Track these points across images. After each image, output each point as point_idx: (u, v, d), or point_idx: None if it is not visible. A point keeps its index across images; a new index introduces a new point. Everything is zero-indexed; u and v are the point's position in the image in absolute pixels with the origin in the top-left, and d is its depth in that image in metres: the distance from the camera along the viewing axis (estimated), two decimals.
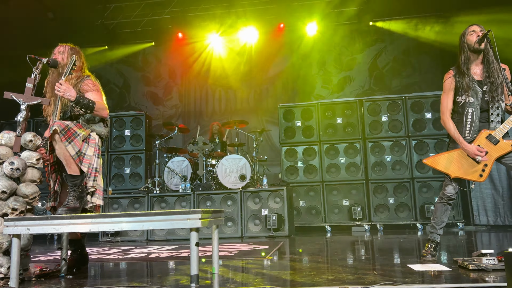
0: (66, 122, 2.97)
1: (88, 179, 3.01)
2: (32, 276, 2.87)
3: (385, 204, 6.80)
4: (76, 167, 2.94)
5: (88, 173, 3.00)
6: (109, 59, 9.77)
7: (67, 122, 2.98)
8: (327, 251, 4.23)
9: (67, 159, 2.92)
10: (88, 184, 3.01)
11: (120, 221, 2.42)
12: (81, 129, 3.03)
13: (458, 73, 3.17)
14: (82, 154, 2.98)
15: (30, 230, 2.54)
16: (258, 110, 9.51)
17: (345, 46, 9.30)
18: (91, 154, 3.03)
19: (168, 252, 4.42)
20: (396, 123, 7.06)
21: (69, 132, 2.92)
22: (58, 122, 2.89)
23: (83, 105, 3.00)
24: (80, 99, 2.98)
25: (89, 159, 3.00)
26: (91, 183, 3.01)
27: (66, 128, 2.91)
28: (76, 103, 2.97)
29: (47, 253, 4.90)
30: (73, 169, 2.93)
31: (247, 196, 6.30)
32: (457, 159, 3.10)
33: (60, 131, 2.86)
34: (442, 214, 3.21)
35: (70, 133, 2.93)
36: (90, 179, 3.01)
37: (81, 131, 3.02)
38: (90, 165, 3.00)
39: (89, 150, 3.03)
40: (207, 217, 2.55)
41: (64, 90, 2.93)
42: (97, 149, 3.09)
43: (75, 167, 2.94)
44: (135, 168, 7.53)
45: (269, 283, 2.40)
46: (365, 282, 2.31)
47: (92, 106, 3.03)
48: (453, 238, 5.07)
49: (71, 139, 2.91)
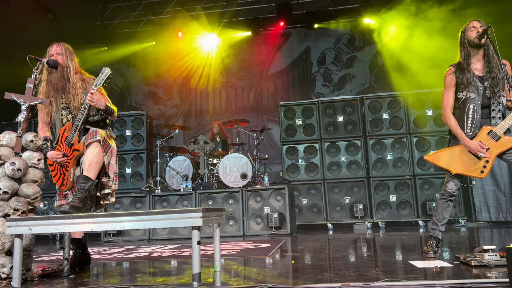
0: (102, 132, 3.15)
1: (113, 183, 3.25)
2: (34, 276, 2.87)
3: (387, 201, 6.79)
4: (95, 174, 3.08)
5: (112, 178, 3.25)
6: (109, 59, 9.77)
7: (103, 133, 3.17)
8: (329, 248, 4.23)
9: (92, 165, 3.04)
10: (111, 187, 3.25)
11: (122, 220, 2.43)
12: (110, 140, 3.28)
13: (458, 69, 3.17)
14: (110, 164, 3.22)
15: (32, 230, 2.55)
16: (259, 108, 9.51)
17: (345, 44, 9.29)
18: (114, 162, 3.27)
19: (170, 251, 4.42)
20: (397, 120, 7.06)
21: (105, 144, 3.17)
22: (99, 133, 3.10)
23: (108, 112, 3.27)
24: (108, 108, 3.25)
25: (113, 167, 3.25)
26: (114, 187, 3.28)
27: (104, 140, 3.15)
28: (105, 112, 3.23)
29: (50, 253, 4.91)
30: (92, 174, 3.05)
31: (248, 195, 6.30)
32: (458, 155, 3.10)
33: (101, 142, 3.10)
34: (443, 210, 3.20)
35: (106, 145, 3.18)
36: (114, 183, 3.27)
37: (111, 142, 3.28)
38: (114, 172, 3.26)
39: (112, 159, 3.26)
40: (209, 216, 2.55)
41: (97, 100, 3.14)
42: (116, 156, 3.34)
43: (95, 173, 3.07)
44: (137, 168, 7.54)
45: (271, 281, 2.41)
46: (367, 279, 2.30)
47: (113, 112, 3.31)
48: (455, 234, 5.07)
49: (106, 151, 3.16)
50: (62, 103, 3.27)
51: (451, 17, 7.23)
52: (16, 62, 7.02)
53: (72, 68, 3.26)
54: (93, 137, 3.06)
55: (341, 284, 2.07)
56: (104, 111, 3.21)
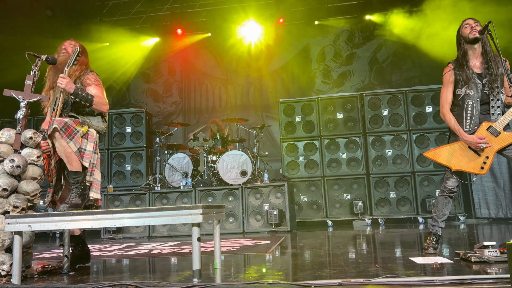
0: (65, 119, 2.97)
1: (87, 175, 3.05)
2: (34, 273, 2.87)
3: (387, 198, 6.80)
4: (78, 164, 2.96)
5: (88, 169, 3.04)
6: (108, 56, 9.73)
7: (66, 119, 2.99)
8: (329, 245, 4.24)
9: (68, 156, 2.93)
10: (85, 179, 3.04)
11: (122, 217, 2.43)
12: (79, 126, 3.05)
13: (457, 66, 3.17)
14: (83, 150, 3.01)
15: (32, 227, 2.54)
16: (259, 105, 9.50)
17: (345, 41, 9.27)
18: (91, 149, 3.07)
19: (170, 248, 4.42)
20: (397, 117, 7.05)
21: (69, 129, 2.94)
22: (57, 120, 2.90)
23: (82, 98, 3.04)
24: (79, 92, 3.03)
25: (89, 154, 3.04)
26: (88, 178, 3.06)
27: (65, 125, 2.92)
28: (75, 96, 3.02)
29: (49, 250, 4.91)
30: (75, 166, 2.95)
31: (248, 192, 6.30)
32: (458, 151, 3.10)
33: (60, 129, 2.88)
34: (443, 207, 3.20)
35: (70, 130, 2.95)
36: (88, 174, 3.06)
37: (80, 127, 3.05)
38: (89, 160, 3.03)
39: (88, 145, 3.06)
40: (209, 212, 2.55)
41: (67, 82, 2.98)
42: (95, 145, 3.13)
43: (77, 163, 2.95)
44: (136, 165, 7.53)
45: (271, 277, 2.41)
46: (368, 275, 2.30)
47: (91, 100, 3.07)
48: (454, 231, 5.07)
49: (71, 136, 2.94)
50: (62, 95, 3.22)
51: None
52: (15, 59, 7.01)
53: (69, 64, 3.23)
54: (51, 127, 2.88)
55: (341, 280, 2.07)
56: (73, 95, 3.00)
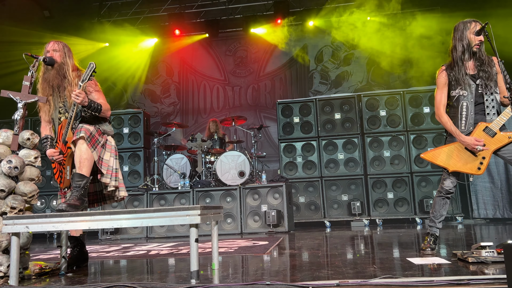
0: (90, 128, 3.10)
1: (110, 180, 3.17)
2: (32, 274, 2.86)
3: (384, 198, 6.81)
4: (87, 170, 3.04)
5: (108, 174, 3.17)
6: (106, 57, 9.73)
7: (91, 128, 3.11)
8: (327, 246, 4.24)
9: (82, 162, 3.02)
10: (110, 184, 3.17)
11: (119, 218, 2.43)
12: (100, 136, 3.21)
13: (449, 68, 3.18)
14: (101, 158, 3.15)
15: (29, 228, 2.54)
16: (256, 106, 9.51)
17: (343, 42, 9.29)
18: (108, 158, 3.21)
19: (167, 249, 4.42)
20: (395, 117, 7.07)
21: (93, 140, 3.10)
22: (84, 129, 3.04)
23: (93, 109, 3.15)
24: (92, 103, 3.12)
25: (106, 162, 3.18)
26: (114, 183, 3.19)
27: (90, 135, 3.07)
28: (88, 108, 3.12)
29: (47, 251, 4.90)
30: (84, 171, 3.02)
31: (246, 193, 6.30)
32: (455, 152, 3.11)
33: (86, 138, 3.02)
34: (441, 207, 3.21)
35: (94, 140, 3.11)
36: (112, 179, 3.19)
37: (101, 138, 3.20)
38: (109, 167, 3.18)
39: (106, 154, 3.20)
40: (207, 213, 2.55)
41: (83, 97, 3.04)
42: (113, 150, 3.28)
43: (87, 170, 3.04)
44: (134, 165, 7.52)
45: (269, 278, 2.41)
46: (365, 276, 2.31)
47: (100, 109, 3.19)
48: (452, 231, 5.08)
49: (95, 146, 3.10)
50: (60, 101, 3.25)
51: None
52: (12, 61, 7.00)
53: (69, 65, 3.24)
54: (77, 134, 3.02)
55: (339, 281, 2.08)
56: (87, 107, 3.08)
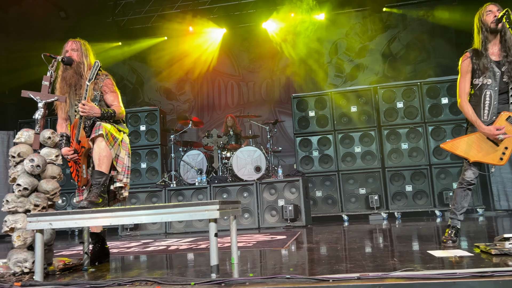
0: (107, 126, 3.14)
1: (123, 176, 3.23)
2: (56, 270, 2.93)
3: (403, 191, 6.73)
4: (106, 167, 3.10)
5: (122, 171, 3.23)
6: (121, 55, 9.84)
7: (108, 126, 3.15)
8: (345, 239, 4.22)
9: (101, 159, 3.07)
10: (122, 181, 3.23)
11: (140, 214, 2.46)
12: (118, 134, 3.25)
13: (474, 54, 3.10)
14: (118, 156, 3.21)
15: (53, 225, 2.59)
16: (271, 101, 9.48)
17: (357, 34, 9.18)
18: (124, 156, 3.26)
19: (187, 244, 4.46)
20: (412, 109, 6.96)
21: (111, 137, 3.14)
22: (102, 127, 3.07)
23: (106, 118, 3.21)
24: (104, 114, 3.19)
25: (122, 160, 3.25)
26: (126, 180, 3.26)
27: (109, 133, 3.11)
28: (101, 119, 3.18)
29: (69, 248, 5.00)
30: (104, 168, 3.08)
31: (262, 187, 6.31)
32: (476, 142, 3.04)
33: (105, 136, 3.07)
34: (462, 199, 3.16)
35: (112, 138, 3.15)
36: (124, 176, 3.24)
37: (119, 136, 3.25)
38: (124, 165, 3.24)
39: (122, 152, 3.25)
40: (225, 208, 2.56)
41: (89, 109, 3.09)
42: (128, 149, 3.34)
43: (106, 167, 3.09)
44: (151, 162, 7.60)
45: (288, 272, 2.41)
46: (386, 269, 2.29)
47: (113, 116, 3.26)
48: (473, 224, 5.00)
49: (112, 144, 3.14)
50: (76, 99, 3.30)
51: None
52: (31, 61, 7.13)
53: (86, 64, 3.29)
54: (96, 132, 3.06)
55: (359, 274, 2.06)
56: (100, 118, 3.16)
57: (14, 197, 2.83)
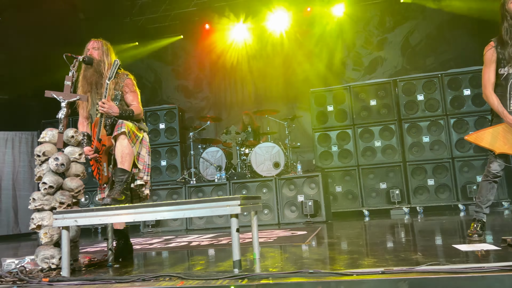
0: (129, 124, 3.19)
1: (144, 174, 3.30)
2: (82, 266, 2.99)
3: (425, 185, 6.62)
4: (129, 165, 3.14)
5: (143, 169, 3.29)
6: (139, 55, 9.93)
7: (130, 124, 3.20)
8: (367, 234, 4.18)
9: (124, 157, 3.11)
10: (143, 178, 3.31)
11: (162, 210, 2.49)
12: (139, 132, 3.30)
13: (499, 44, 3.02)
14: (139, 154, 3.27)
15: (78, 222, 2.65)
16: (289, 96, 9.42)
17: (375, 26, 9.03)
18: (145, 153, 3.33)
19: (208, 240, 4.50)
20: (433, 101, 6.83)
21: (133, 135, 3.19)
22: (124, 125, 3.13)
23: (125, 117, 3.25)
24: (123, 113, 3.23)
25: (143, 158, 3.31)
26: (146, 178, 3.32)
27: (131, 131, 3.17)
28: (119, 118, 3.23)
29: (93, 244, 5.11)
30: (126, 166, 3.12)
31: (282, 183, 6.30)
32: (502, 134, 2.96)
33: (127, 134, 3.12)
34: (487, 192, 3.08)
35: (134, 136, 3.20)
36: (145, 174, 3.31)
37: (140, 134, 3.30)
38: (144, 163, 3.31)
39: (143, 150, 3.32)
40: (246, 204, 2.57)
41: (108, 108, 3.13)
42: (148, 147, 3.39)
43: (129, 164, 3.14)
44: (171, 160, 7.68)
45: (310, 266, 2.40)
46: (410, 263, 2.26)
47: (132, 116, 3.30)
48: (498, 217, 4.88)
49: (134, 141, 3.19)
50: (97, 97, 3.35)
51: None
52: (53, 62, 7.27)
53: (106, 63, 3.33)
54: (118, 130, 3.11)
55: (384, 269, 2.04)
56: (118, 117, 3.20)
57: (40, 195, 2.90)
